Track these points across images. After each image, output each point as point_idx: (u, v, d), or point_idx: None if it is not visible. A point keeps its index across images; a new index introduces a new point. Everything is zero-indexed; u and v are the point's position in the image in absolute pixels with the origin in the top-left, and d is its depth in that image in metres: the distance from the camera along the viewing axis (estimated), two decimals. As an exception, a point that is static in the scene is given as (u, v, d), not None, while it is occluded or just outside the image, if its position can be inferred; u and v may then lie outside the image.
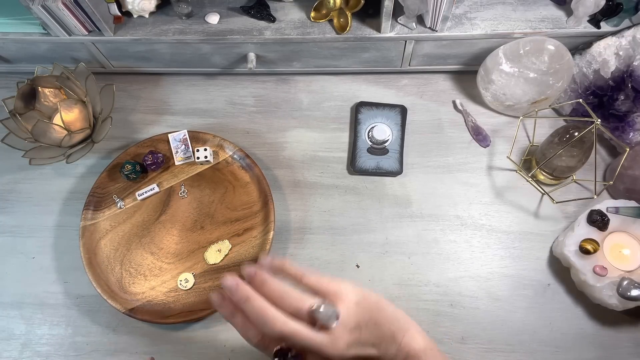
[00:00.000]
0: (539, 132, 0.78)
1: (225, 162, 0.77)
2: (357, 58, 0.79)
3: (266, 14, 0.75)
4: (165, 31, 0.75)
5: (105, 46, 0.77)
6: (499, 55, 0.74)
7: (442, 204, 0.75)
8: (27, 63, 0.82)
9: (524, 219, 0.74)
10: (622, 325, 0.67)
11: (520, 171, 0.77)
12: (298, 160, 0.79)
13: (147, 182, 0.76)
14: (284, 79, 0.85)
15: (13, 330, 0.70)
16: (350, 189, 0.76)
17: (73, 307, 0.71)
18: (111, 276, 0.70)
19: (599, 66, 0.73)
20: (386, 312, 0.48)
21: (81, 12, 0.70)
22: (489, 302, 0.69)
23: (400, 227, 0.74)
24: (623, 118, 0.72)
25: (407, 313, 0.68)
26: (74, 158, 0.73)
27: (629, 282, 0.62)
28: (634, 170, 0.70)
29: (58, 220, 0.76)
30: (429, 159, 0.78)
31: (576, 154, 0.69)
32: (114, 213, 0.74)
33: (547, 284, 0.70)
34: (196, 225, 0.74)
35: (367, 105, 0.80)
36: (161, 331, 0.69)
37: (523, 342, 0.67)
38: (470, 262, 0.72)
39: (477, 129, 0.79)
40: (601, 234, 0.67)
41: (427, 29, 0.74)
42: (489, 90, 0.77)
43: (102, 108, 0.77)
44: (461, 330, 0.68)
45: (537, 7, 0.75)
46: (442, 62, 0.81)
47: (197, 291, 0.70)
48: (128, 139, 0.81)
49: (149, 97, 0.84)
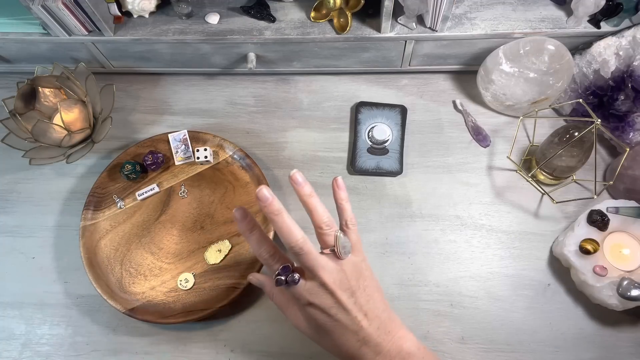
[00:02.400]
0: (539, 132, 0.78)
1: (225, 162, 0.77)
2: (357, 58, 0.79)
3: (266, 14, 0.75)
4: (165, 31, 0.75)
5: (105, 46, 0.77)
6: (499, 55, 0.74)
7: (442, 204, 0.75)
8: (27, 63, 0.82)
9: (524, 219, 0.74)
10: (622, 325, 0.67)
11: (520, 171, 0.77)
12: (298, 160, 0.79)
13: (147, 182, 0.76)
14: (284, 79, 0.85)
15: (13, 330, 0.70)
16: (350, 189, 0.76)
17: (73, 307, 0.71)
18: (111, 276, 0.70)
19: (599, 66, 0.73)
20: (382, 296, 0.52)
21: (81, 12, 0.70)
22: (489, 302, 0.69)
23: (400, 227, 0.74)
24: (623, 118, 0.72)
25: (407, 313, 0.69)
26: (74, 158, 0.73)
27: (629, 282, 0.62)
28: (634, 170, 0.70)
29: (58, 220, 0.76)
30: (429, 159, 0.78)
31: (576, 154, 0.69)
32: (114, 213, 0.74)
33: (547, 284, 0.70)
34: (196, 225, 0.74)
35: (367, 105, 0.80)
36: (161, 331, 0.69)
37: (523, 342, 0.67)
38: (470, 262, 0.72)
39: (477, 129, 0.79)
40: (601, 234, 0.67)
41: (427, 29, 0.74)
42: (489, 90, 0.77)
43: (102, 108, 0.77)
44: (461, 330, 0.68)
45: (537, 7, 0.75)
46: (442, 62, 0.81)
47: (197, 291, 0.70)
48: (128, 139, 0.81)
49: (149, 97, 0.84)
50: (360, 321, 0.48)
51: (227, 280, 0.70)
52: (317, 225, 0.49)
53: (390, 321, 0.50)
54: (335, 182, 0.52)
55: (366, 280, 0.50)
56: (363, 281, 0.49)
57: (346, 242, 0.49)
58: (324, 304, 0.47)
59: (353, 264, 0.49)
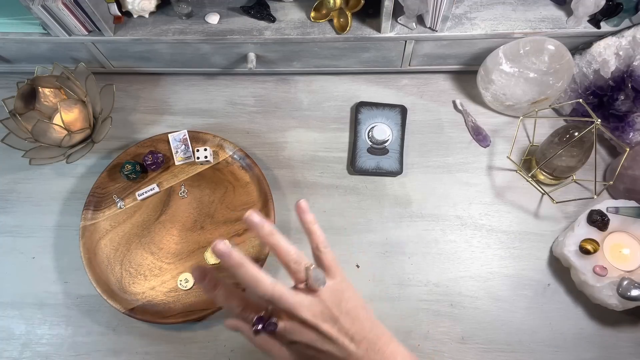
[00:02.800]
0: (539, 132, 0.78)
1: (225, 162, 0.77)
2: (357, 58, 0.79)
3: (266, 14, 0.75)
4: (165, 31, 0.75)
5: (105, 46, 0.77)
6: (499, 55, 0.74)
7: (442, 204, 0.75)
8: (27, 63, 0.82)
9: (524, 219, 0.74)
10: (622, 325, 0.67)
11: (520, 171, 0.77)
12: (298, 160, 0.79)
13: (147, 182, 0.76)
14: (284, 79, 0.85)
15: (13, 330, 0.70)
16: (350, 189, 0.77)
17: (73, 307, 0.71)
18: (111, 276, 0.70)
19: (599, 66, 0.73)
20: (368, 313, 0.50)
21: (81, 12, 0.70)
22: (489, 302, 0.69)
23: (400, 227, 0.74)
24: (623, 118, 0.72)
25: (407, 313, 0.69)
26: (74, 158, 0.73)
27: (629, 282, 0.62)
28: (634, 170, 0.70)
29: (58, 220, 0.76)
30: (429, 159, 0.78)
31: (576, 154, 0.69)
32: (114, 213, 0.74)
33: (547, 284, 0.70)
34: (196, 225, 0.74)
35: (367, 105, 0.80)
36: (161, 331, 0.69)
37: (523, 342, 0.67)
38: (470, 262, 0.72)
39: (477, 129, 0.79)
40: (601, 234, 0.67)
41: (427, 29, 0.74)
42: (489, 90, 0.77)
43: (102, 108, 0.77)
44: (461, 330, 0.68)
45: (537, 7, 0.75)
46: (442, 62, 0.81)
47: (197, 291, 0.70)
48: (128, 139, 0.81)
49: (149, 97, 0.84)
50: (347, 347, 0.47)
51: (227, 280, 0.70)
52: (285, 263, 0.47)
53: (379, 338, 0.49)
54: (299, 206, 0.49)
55: (348, 302, 0.48)
56: (345, 304, 0.47)
57: (319, 274, 0.46)
58: (308, 339, 0.46)
59: (331, 291, 0.47)
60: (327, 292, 0.47)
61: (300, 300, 0.46)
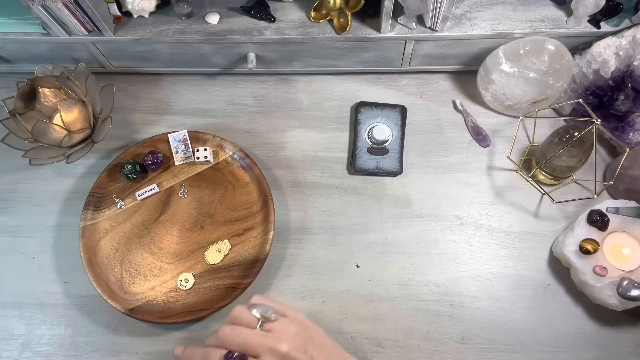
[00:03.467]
0: (539, 132, 0.78)
1: (225, 162, 0.77)
2: (357, 58, 0.79)
3: (266, 14, 0.75)
4: (165, 31, 0.75)
5: (105, 46, 0.77)
6: (499, 55, 0.74)
7: (442, 204, 0.75)
8: (27, 63, 0.82)
9: (524, 219, 0.74)
10: (622, 325, 0.67)
11: (520, 171, 0.77)
12: (298, 160, 0.79)
13: (147, 182, 0.76)
14: (284, 79, 0.85)
15: (13, 330, 0.70)
16: (350, 189, 0.77)
17: (73, 307, 0.71)
18: (111, 276, 0.70)
19: (599, 66, 0.73)
20: (328, 339, 0.51)
21: (81, 12, 0.70)
22: (489, 302, 0.69)
23: (400, 227, 0.74)
24: (623, 118, 0.72)
25: (407, 313, 0.69)
26: (74, 158, 0.73)
27: (629, 282, 0.62)
28: (634, 170, 0.70)
29: (58, 220, 0.76)
30: (429, 159, 0.78)
31: (576, 154, 0.69)
32: (114, 213, 0.74)
33: (547, 284, 0.70)
34: (196, 225, 0.74)
35: (367, 105, 0.80)
36: (161, 331, 0.69)
37: (523, 342, 0.67)
38: (470, 262, 0.72)
39: (477, 129, 0.79)
40: (601, 234, 0.67)
41: (427, 29, 0.74)
42: (489, 90, 0.77)
43: (102, 108, 0.77)
44: (461, 330, 0.68)
45: (537, 7, 0.75)
46: (442, 62, 0.81)
47: (197, 291, 0.70)
48: (128, 139, 0.81)
49: (149, 97, 0.84)
50: None
51: (227, 280, 0.70)
52: (229, 348, 0.48)
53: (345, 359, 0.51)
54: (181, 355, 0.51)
55: (311, 331, 0.50)
56: (310, 338, 0.49)
57: (265, 308, 0.49)
58: None
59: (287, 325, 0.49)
60: (285, 324, 0.49)
61: (264, 339, 0.47)
